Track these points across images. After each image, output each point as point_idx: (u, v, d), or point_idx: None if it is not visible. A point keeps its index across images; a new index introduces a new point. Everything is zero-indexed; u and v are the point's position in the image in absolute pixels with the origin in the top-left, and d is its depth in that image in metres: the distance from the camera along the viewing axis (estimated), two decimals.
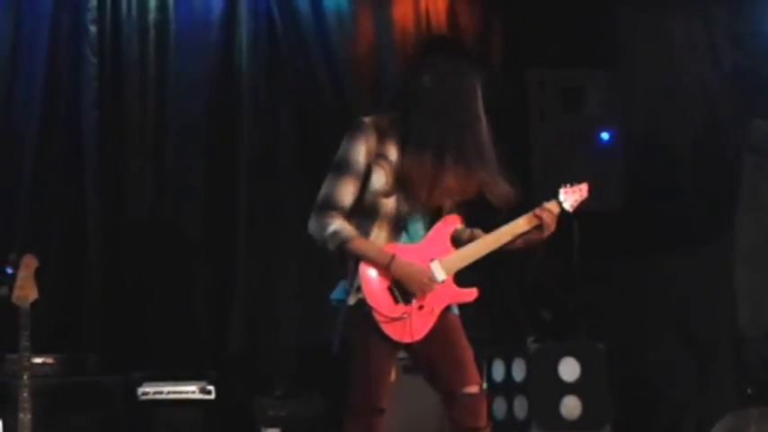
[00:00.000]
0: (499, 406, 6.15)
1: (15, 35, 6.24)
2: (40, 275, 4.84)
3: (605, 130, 6.36)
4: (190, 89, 6.45)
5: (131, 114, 6.40)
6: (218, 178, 6.50)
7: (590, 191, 4.43)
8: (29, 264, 4.82)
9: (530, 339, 6.10)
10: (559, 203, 4.36)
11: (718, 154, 6.44)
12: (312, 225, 4.18)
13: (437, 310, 4.21)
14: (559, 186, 4.39)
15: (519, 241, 4.30)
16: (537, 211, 4.32)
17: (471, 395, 4.20)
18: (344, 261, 4.20)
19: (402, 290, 4.15)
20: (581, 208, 4.45)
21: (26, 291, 4.75)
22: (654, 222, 6.37)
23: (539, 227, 4.29)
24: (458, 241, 4.30)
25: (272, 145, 6.58)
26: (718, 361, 6.38)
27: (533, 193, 4.60)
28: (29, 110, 6.24)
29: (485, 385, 5.87)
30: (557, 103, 6.36)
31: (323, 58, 6.60)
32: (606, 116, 6.40)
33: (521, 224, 4.30)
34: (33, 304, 4.77)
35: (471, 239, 4.30)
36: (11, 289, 4.76)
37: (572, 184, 4.41)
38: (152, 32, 6.42)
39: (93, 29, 6.31)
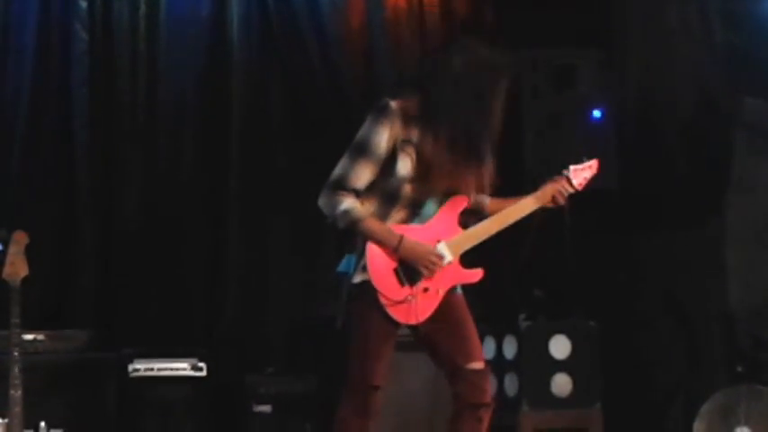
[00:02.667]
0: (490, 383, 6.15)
1: (5, 10, 6.20)
2: (30, 252, 4.83)
3: (597, 109, 6.35)
4: (181, 65, 6.43)
5: (122, 91, 6.38)
6: (210, 154, 6.49)
7: (600, 168, 4.41)
8: (19, 240, 4.81)
9: (521, 317, 6.11)
10: (569, 180, 4.35)
11: (710, 132, 6.44)
12: (323, 201, 4.17)
13: (442, 292, 4.22)
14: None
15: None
16: (544, 189, 4.32)
17: (476, 371, 4.21)
18: (352, 238, 4.19)
19: (408, 271, 4.15)
20: (590, 186, 4.45)
21: (16, 267, 4.73)
22: (645, 200, 6.37)
23: (549, 203, 4.31)
24: (463, 213, 4.27)
25: (263, 121, 6.57)
26: (708, 339, 6.40)
27: (525, 172, 4.61)
28: (19, 86, 6.21)
29: None
30: (549, 81, 6.35)
31: (314, 34, 6.58)
32: (598, 95, 6.39)
33: (529, 203, 4.31)
34: (24, 281, 4.75)
35: (475, 209, 4.28)
36: (1, 265, 4.75)
37: (581, 161, 4.39)
38: (143, 8, 6.39)
39: (83, 4, 6.28)
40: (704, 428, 5.84)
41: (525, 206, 4.30)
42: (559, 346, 6.08)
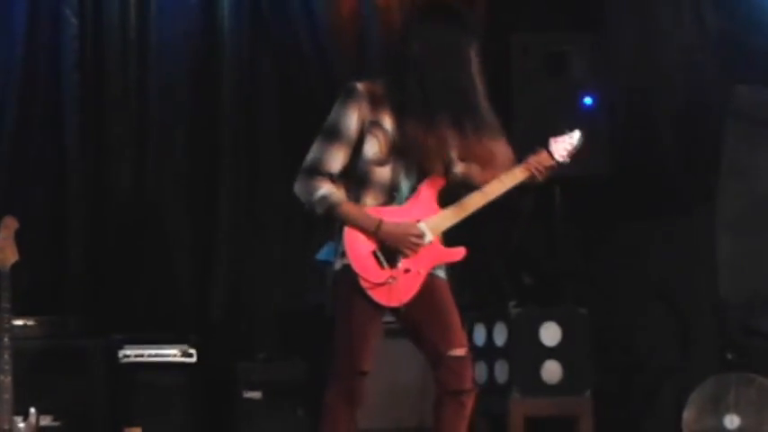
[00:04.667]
0: (480, 370, 6.15)
1: None
2: (20, 238, 4.82)
3: (589, 95, 6.34)
4: (172, 50, 6.41)
5: (113, 76, 6.36)
6: (201, 140, 6.48)
7: (583, 138, 4.39)
8: (9, 225, 4.81)
9: (511, 304, 6.11)
10: (551, 154, 4.34)
11: (701, 120, 6.44)
12: (299, 188, 4.16)
13: (423, 272, 4.20)
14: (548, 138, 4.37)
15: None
16: (528, 162, 4.30)
17: (457, 358, 4.19)
18: (331, 224, 4.19)
19: (388, 254, 4.13)
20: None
21: (6, 253, 4.74)
22: (636, 188, 6.37)
23: (531, 177, 4.29)
24: (452, 185, 4.26)
25: (253, 107, 6.55)
26: (698, 326, 6.41)
27: (516, 158, 4.60)
28: (9, 71, 6.19)
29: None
30: (540, 67, 6.34)
31: (306, 20, 6.56)
32: (590, 81, 6.38)
33: (509, 179, 4.29)
34: (13, 266, 4.75)
35: (465, 180, 4.27)
36: None
37: (563, 133, 4.38)
38: None
39: None
40: (694, 416, 5.86)
41: (504, 182, 4.28)
42: (550, 334, 6.08)
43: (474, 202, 4.26)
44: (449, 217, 4.23)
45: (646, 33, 6.54)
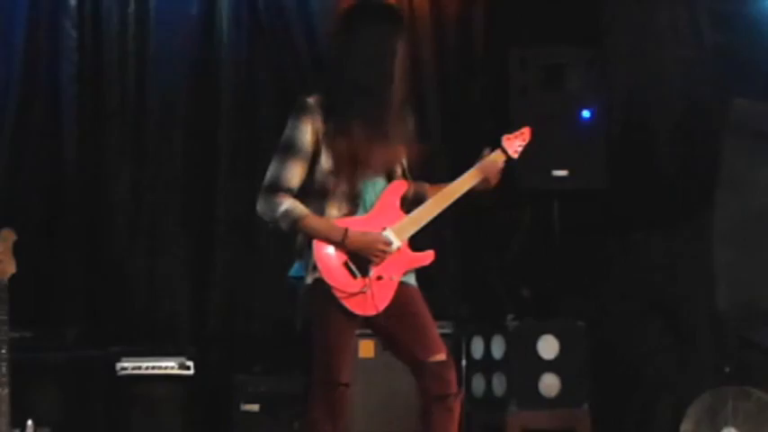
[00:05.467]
0: (478, 383, 6.16)
1: None
2: (18, 250, 4.82)
3: (586, 109, 6.35)
4: (170, 62, 6.42)
5: (111, 88, 6.36)
6: (198, 152, 6.48)
7: (532, 134, 4.43)
8: (7, 238, 4.80)
9: (509, 317, 6.11)
10: (504, 151, 4.36)
11: (698, 133, 6.45)
12: (261, 206, 4.17)
13: (396, 278, 4.20)
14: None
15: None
16: (480, 164, 4.33)
17: (438, 363, 4.19)
18: (299, 243, 4.20)
19: (359, 263, 4.14)
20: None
21: (4, 265, 4.73)
22: (634, 201, 6.38)
23: (485, 180, 4.31)
24: (404, 201, 4.28)
25: (252, 119, 6.56)
26: (696, 339, 6.41)
27: (513, 172, 4.61)
28: (8, 82, 6.20)
29: (464, 362, 5.93)
30: (538, 80, 6.35)
31: (304, 31, 6.57)
32: (588, 94, 6.39)
33: (466, 180, 4.31)
34: (11, 278, 4.74)
35: (417, 197, 4.30)
36: None
37: (512, 132, 4.40)
38: (132, 5, 6.38)
39: (72, 1, 6.27)
40: (691, 429, 5.85)
41: (463, 183, 4.31)
42: (547, 347, 6.08)
43: (435, 206, 4.27)
44: (414, 222, 4.24)
45: (643, 47, 6.56)
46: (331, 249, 4.12)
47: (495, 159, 4.35)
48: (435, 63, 6.70)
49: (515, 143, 4.41)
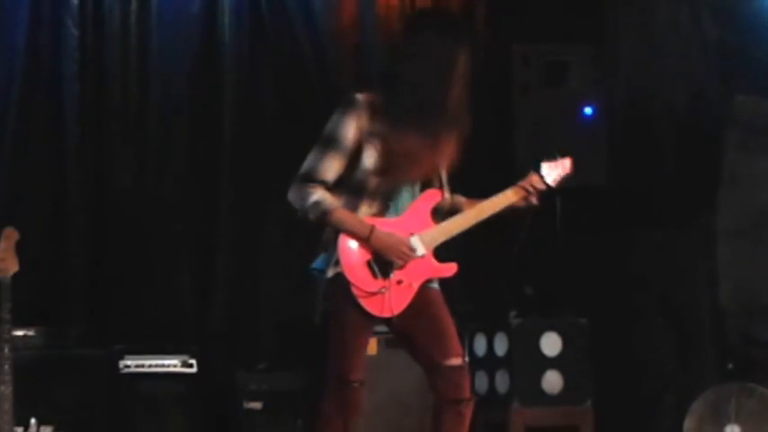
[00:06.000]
0: (481, 380, 6.16)
1: None
2: (21, 248, 4.82)
3: (589, 105, 6.35)
4: (172, 60, 6.42)
5: (113, 86, 6.36)
6: (201, 151, 6.48)
7: (573, 166, 4.44)
8: (9, 236, 4.80)
9: (512, 314, 6.11)
10: (542, 178, 4.37)
11: (701, 130, 6.44)
12: (292, 195, 4.17)
13: (415, 285, 4.21)
14: (541, 160, 4.40)
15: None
16: (521, 184, 4.33)
17: (454, 367, 4.20)
18: (326, 235, 4.20)
19: (381, 263, 4.15)
20: (564, 183, 4.46)
21: (7, 263, 4.73)
22: (637, 197, 6.37)
23: (524, 199, 4.31)
24: (439, 212, 4.29)
25: (254, 116, 6.56)
26: (699, 336, 6.41)
27: (516, 169, 4.61)
28: (9, 81, 6.20)
29: (466, 359, 5.92)
30: (541, 77, 6.35)
31: (306, 30, 6.57)
32: (590, 91, 6.39)
33: (503, 199, 4.32)
34: (14, 277, 4.75)
35: (452, 209, 4.31)
36: None
37: (555, 159, 4.41)
38: (134, 4, 6.38)
39: (74, 0, 6.27)
40: (695, 426, 5.85)
41: (498, 201, 4.32)
42: (550, 344, 6.08)
43: (466, 220, 4.28)
44: (442, 232, 4.25)
45: (645, 44, 6.55)
46: (355, 245, 4.13)
47: (534, 182, 4.35)
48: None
49: (555, 171, 4.42)
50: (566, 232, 6.34)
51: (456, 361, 4.21)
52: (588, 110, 6.36)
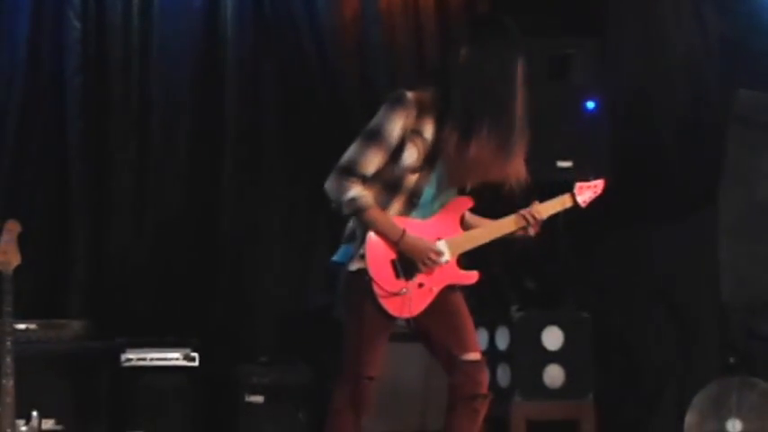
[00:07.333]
0: None
1: None
2: (23, 241, 4.82)
3: (591, 99, 6.34)
4: (174, 55, 6.42)
5: (115, 80, 6.37)
6: (203, 145, 6.48)
7: (605, 188, 4.43)
8: (11, 229, 4.81)
9: (514, 308, 6.11)
10: (573, 197, 4.37)
11: (703, 124, 6.44)
12: (329, 185, 4.15)
13: (436, 290, 4.22)
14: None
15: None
16: (522, 213, 4.33)
17: (471, 362, 4.22)
18: (348, 224, 4.21)
19: (405, 265, 4.15)
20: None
21: (9, 256, 4.74)
22: (639, 192, 6.37)
23: (523, 229, 4.31)
24: (464, 224, 4.30)
25: (256, 113, 6.56)
26: (701, 330, 6.41)
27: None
28: (12, 75, 6.20)
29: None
30: (542, 71, 6.33)
31: (308, 25, 6.57)
32: (592, 85, 6.38)
33: (504, 227, 4.32)
34: (16, 270, 4.75)
35: (476, 226, 4.31)
36: None
37: (588, 180, 4.41)
38: None
39: None
40: (696, 420, 5.85)
41: (501, 227, 4.32)
42: (552, 338, 6.08)
43: (495, 229, 4.30)
44: (469, 240, 4.26)
45: (648, 38, 6.55)
46: (383, 244, 4.14)
47: (535, 212, 4.33)
48: (439, 56, 6.69)
49: (587, 193, 4.44)
50: (567, 226, 6.33)
51: (474, 356, 4.23)
52: (590, 104, 6.34)
